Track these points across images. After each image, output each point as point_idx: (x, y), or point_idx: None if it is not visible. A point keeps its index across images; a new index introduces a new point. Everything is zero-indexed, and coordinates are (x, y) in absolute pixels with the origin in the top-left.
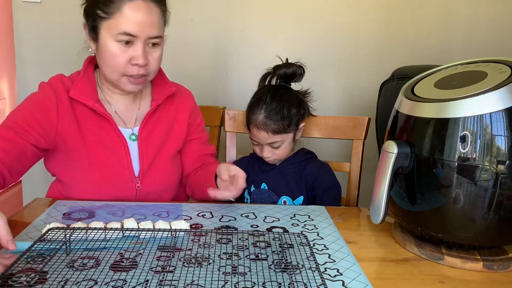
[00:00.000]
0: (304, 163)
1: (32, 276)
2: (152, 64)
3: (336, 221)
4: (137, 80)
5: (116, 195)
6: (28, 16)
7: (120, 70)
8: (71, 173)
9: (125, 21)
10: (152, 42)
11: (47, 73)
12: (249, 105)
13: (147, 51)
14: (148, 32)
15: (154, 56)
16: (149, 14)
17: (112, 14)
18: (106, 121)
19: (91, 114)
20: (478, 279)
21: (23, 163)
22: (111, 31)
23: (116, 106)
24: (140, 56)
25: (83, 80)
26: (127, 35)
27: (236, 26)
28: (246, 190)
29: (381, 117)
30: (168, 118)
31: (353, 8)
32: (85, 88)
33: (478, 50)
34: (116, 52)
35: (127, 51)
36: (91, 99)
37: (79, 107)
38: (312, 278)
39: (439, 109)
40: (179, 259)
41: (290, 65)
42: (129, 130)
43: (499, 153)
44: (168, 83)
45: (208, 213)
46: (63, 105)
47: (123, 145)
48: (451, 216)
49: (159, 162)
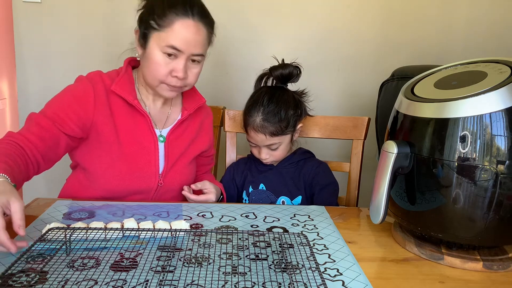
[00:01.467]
0: (302, 163)
1: (32, 276)
2: (190, 78)
3: (336, 221)
4: (174, 87)
5: (138, 188)
6: (28, 16)
7: (160, 78)
8: (100, 162)
9: (174, 36)
10: (194, 58)
11: (47, 73)
12: (246, 108)
13: (188, 66)
14: (193, 49)
15: (193, 71)
16: (197, 34)
17: (164, 27)
18: (142, 118)
19: (128, 109)
20: (478, 279)
21: (56, 151)
22: (160, 42)
23: (149, 107)
24: (181, 70)
25: (124, 77)
26: (173, 49)
27: (236, 26)
28: (245, 191)
29: (381, 117)
30: (194, 128)
31: (353, 8)
32: (126, 85)
33: (478, 50)
34: (160, 62)
35: (170, 63)
36: (130, 95)
37: (117, 101)
38: (312, 278)
39: (439, 109)
40: (179, 259)
41: (286, 66)
42: (157, 131)
43: (499, 153)
44: (198, 94)
45: (208, 213)
46: (100, 97)
47: (153, 142)
48: (451, 216)
49: (180, 164)
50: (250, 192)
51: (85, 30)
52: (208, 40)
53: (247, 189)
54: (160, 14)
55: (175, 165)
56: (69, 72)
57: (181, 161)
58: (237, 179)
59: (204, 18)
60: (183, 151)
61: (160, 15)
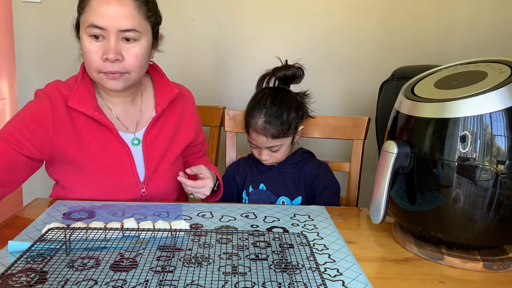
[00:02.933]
0: (302, 163)
1: (32, 276)
2: (129, 61)
3: (336, 221)
4: (113, 75)
5: (123, 200)
6: (28, 16)
7: (95, 67)
8: (75, 181)
9: (93, 13)
10: (126, 36)
11: (47, 73)
12: (248, 109)
13: (121, 46)
14: (118, 24)
15: (130, 52)
16: (119, 6)
17: (84, 7)
18: (107, 129)
19: (91, 122)
20: (478, 279)
21: (15, 174)
22: (84, 25)
23: (116, 111)
24: (110, 50)
25: (81, 87)
26: (95, 27)
27: (236, 26)
28: (245, 191)
29: (381, 117)
30: (173, 122)
31: (353, 8)
32: (83, 96)
33: (478, 50)
34: (89, 48)
35: (99, 46)
36: (89, 107)
37: (78, 116)
38: (312, 278)
39: (439, 109)
40: (179, 259)
41: (289, 67)
42: (130, 135)
43: (499, 153)
44: (170, 84)
45: (208, 213)
46: (60, 115)
47: (126, 152)
48: (451, 216)
49: (164, 166)
50: (250, 192)
51: None
52: (139, 12)
53: (247, 189)
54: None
55: (157, 170)
56: (69, 72)
57: (164, 163)
58: (237, 179)
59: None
60: (164, 152)
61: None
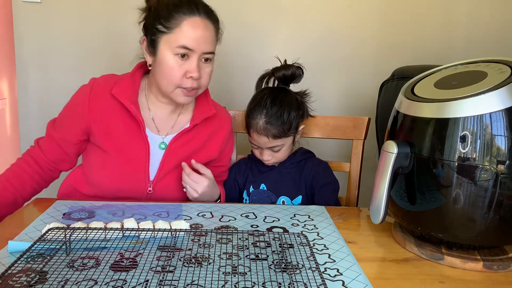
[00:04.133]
0: (303, 163)
1: (32, 276)
2: (203, 79)
3: (336, 221)
4: (189, 92)
5: (128, 191)
6: (28, 16)
7: (175, 82)
8: (94, 161)
9: (184, 36)
10: (205, 57)
11: (47, 73)
12: (248, 109)
13: (200, 66)
14: (204, 47)
15: (206, 71)
16: (206, 30)
17: (172, 29)
18: (136, 124)
19: (125, 114)
20: (478, 279)
21: (67, 155)
22: (171, 45)
23: (156, 113)
24: (195, 70)
25: (127, 81)
26: (185, 48)
27: (236, 25)
28: (245, 191)
29: (381, 117)
30: (202, 138)
31: (353, 8)
32: (127, 88)
33: (478, 50)
34: (173, 65)
35: (183, 65)
36: (128, 99)
37: (116, 105)
38: (312, 278)
39: (439, 109)
40: (179, 259)
41: (289, 67)
42: (159, 138)
43: (499, 153)
44: (209, 104)
45: (208, 213)
46: (97, 102)
47: (145, 150)
48: (451, 216)
49: (176, 173)
50: (251, 192)
51: (85, 30)
52: (216, 37)
53: (248, 189)
54: (167, 16)
55: (169, 174)
56: (69, 72)
57: (177, 171)
58: (239, 180)
59: (210, 14)
60: (183, 160)
61: (166, 17)
